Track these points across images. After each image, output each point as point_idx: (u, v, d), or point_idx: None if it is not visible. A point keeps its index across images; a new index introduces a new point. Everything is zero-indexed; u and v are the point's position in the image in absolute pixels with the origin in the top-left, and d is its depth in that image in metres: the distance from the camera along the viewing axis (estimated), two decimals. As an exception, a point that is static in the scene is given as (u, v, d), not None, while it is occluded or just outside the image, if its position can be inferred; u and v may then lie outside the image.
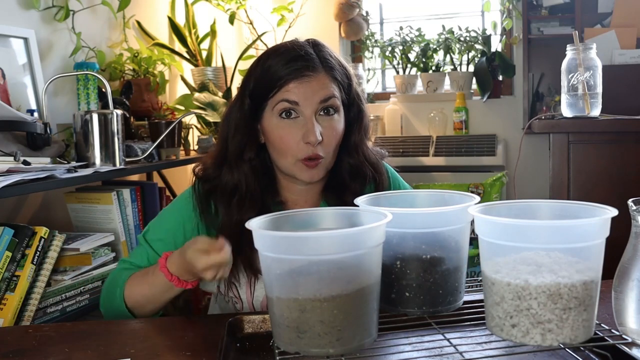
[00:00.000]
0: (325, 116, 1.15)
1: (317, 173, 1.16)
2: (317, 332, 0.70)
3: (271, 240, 0.72)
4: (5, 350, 0.93)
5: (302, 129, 1.13)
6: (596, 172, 2.09)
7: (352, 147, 1.22)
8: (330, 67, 1.17)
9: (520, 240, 0.71)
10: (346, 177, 1.23)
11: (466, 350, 0.78)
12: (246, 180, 1.18)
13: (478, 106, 3.06)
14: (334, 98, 1.16)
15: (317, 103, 1.14)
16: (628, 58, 2.41)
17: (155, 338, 0.98)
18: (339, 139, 1.18)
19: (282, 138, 1.15)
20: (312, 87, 1.14)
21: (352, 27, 3.18)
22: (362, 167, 1.22)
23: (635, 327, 0.79)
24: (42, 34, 2.00)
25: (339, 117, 1.18)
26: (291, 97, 1.13)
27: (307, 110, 1.13)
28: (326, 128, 1.15)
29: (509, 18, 2.99)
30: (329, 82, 1.16)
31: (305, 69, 1.14)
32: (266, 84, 1.15)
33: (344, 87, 1.20)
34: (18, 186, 1.39)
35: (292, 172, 1.17)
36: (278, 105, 1.14)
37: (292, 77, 1.13)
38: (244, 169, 1.18)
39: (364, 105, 1.25)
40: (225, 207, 1.18)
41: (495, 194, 2.69)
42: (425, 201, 0.94)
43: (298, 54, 1.14)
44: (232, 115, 1.21)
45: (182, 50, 2.72)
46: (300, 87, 1.13)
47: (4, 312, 1.41)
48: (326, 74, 1.16)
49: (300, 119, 1.14)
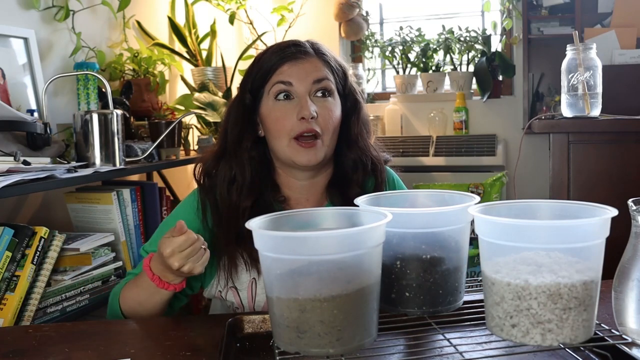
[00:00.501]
0: (320, 98, 1.18)
1: (314, 154, 1.17)
2: (317, 332, 0.70)
3: (271, 240, 0.72)
4: (5, 350, 0.93)
5: (297, 107, 1.16)
6: (596, 172, 2.09)
7: (352, 139, 1.24)
8: (323, 54, 1.21)
9: (520, 240, 0.71)
10: (349, 171, 1.24)
11: (466, 350, 0.78)
12: (243, 170, 1.19)
13: (478, 106, 3.06)
14: (327, 80, 1.19)
15: (311, 83, 1.17)
16: (628, 58, 2.41)
17: (155, 338, 0.98)
18: (335, 122, 1.19)
19: (277, 119, 1.17)
20: (305, 68, 1.18)
21: (352, 27, 3.18)
22: (363, 159, 1.23)
23: (635, 327, 0.79)
24: (42, 34, 2.00)
25: (333, 100, 1.20)
26: (285, 78, 1.17)
27: (300, 89, 1.17)
28: (321, 108, 1.17)
29: (509, 18, 2.99)
30: (322, 66, 1.19)
31: (298, 53, 1.18)
32: (262, 73, 1.20)
33: (339, 77, 1.22)
34: (18, 186, 1.39)
35: (288, 155, 1.18)
36: (273, 88, 1.18)
37: (286, 60, 1.18)
38: (242, 159, 1.20)
39: (361, 98, 1.27)
40: (225, 193, 1.19)
41: (495, 194, 2.69)
42: (425, 201, 0.94)
43: (291, 42, 1.20)
44: (231, 111, 1.24)
45: (182, 50, 2.72)
46: (294, 67, 1.17)
47: (4, 312, 1.41)
48: (319, 59, 1.20)
49: (295, 100, 1.17)
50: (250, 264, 1.18)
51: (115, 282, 1.74)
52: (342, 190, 1.22)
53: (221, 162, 1.22)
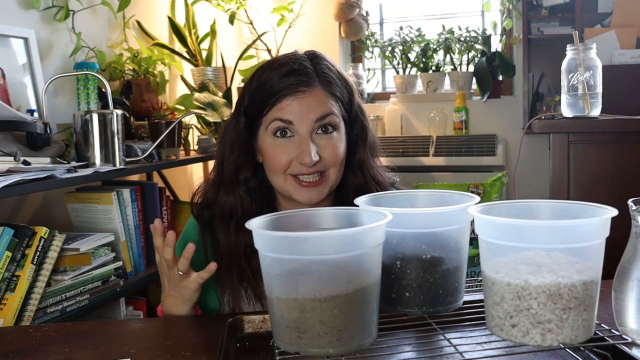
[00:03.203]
0: (323, 134, 1.09)
1: (316, 193, 1.10)
2: (317, 332, 0.70)
3: (271, 240, 0.72)
4: (5, 350, 0.93)
5: (297, 149, 1.08)
6: (596, 172, 2.09)
7: (357, 165, 1.16)
8: (328, 82, 1.10)
9: (520, 240, 0.71)
10: (352, 198, 1.18)
11: (466, 350, 0.78)
12: (242, 203, 1.13)
13: (478, 106, 3.06)
14: (331, 115, 1.09)
15: (313, 121, 1.07)
16: (628, 58, 2.41)
17: (155, 338, 0.98)
18: (340, 158, 1.11)
19: (275, 157, 1.09)
20: (307, 104, 1.07)
21: (352, 27, 3.18)
22: (368, 187, 1.14)
23: (635, 327, 0.79)
24: (42, 34, 2.00)
25: (338, 135, 1.11)
26: (285, 116, 1.07)
27: (302, 129, 1.07)
28: (325, 145, 1.08)
29: (509, 18, 2.99)
30: (326, 98, 1.09)
31: (300, 84, 1.07)
32: (260, 101, 1.10)
33: (344, 103, 1.13)
34: (18, 186, 1.39)
35: (287, 191, 1.11)
36: (272, 124, 1.08)
37: (286, 93, 1.07)
38: (240, 190, 1.13)
39: (367, 121, 1.18)
40: (224, 231, 1.13)
41: (495, 194, 2.69)
42: (426, 201, 0.94)
43: (292, 67, 1.08)
44: (227, 134, 1.15)
45: (182, 50, 2.72)
46: (295, 104, 1.07)
47: (4, 312, 1.42)
48: (323, 89, 1.09)
49: (295, 138, 1.08)
50: (254, 300, 1.12)
51: (115, 282, 1.74)
52: None
53: (219, 192, 1.14)
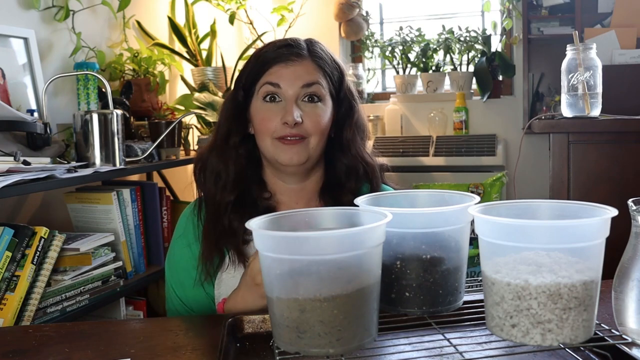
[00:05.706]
0: (309, 103, 1.16)
1: (297, 152, 1.15)
2: (317, 332, 0.70)
3: (271, 240, 0.72)
4: (5, 350, 0.93)
5: (282, 111, 1.14)
6: (596, 172, 2.09)
7: (345, 145, 1.21)
8: (319, 57, 1.18)
9: (520, 240, 0.71)
10: (342, 177, 1.22)
11: (466, 350, 0.78)
12: (228, 166, 1.19)
13: (478, 106, 3.06)
14: (317, 85, 1.16)
15: (299, 87, 1.14)
16: (628, 58, 2.41)
17: (155, 338, 0.98)
18: (322, 127, 1.16)
19: (262, 120, 1.16)
20: (295, 71, 1.15)
21: (352, 27, 3.18)
22: (356, 165, 1.21)
23: (635, 327, 0.79)
24: (42, 34, 2.00)
25: (323, 106, 1.17)
26: (274, 79, 1.15)
27: (288, 92, 1.14)
28: (308, 113, 1.15)
29: (509, 18, 2.99)
30: (314, 70, 1.16)
31: (291, 54, 1.16)
32: (254, 72, 1.18)
33: (334, 81, 1.20)
34: (18, 186, 1.39)
35: (272, 154, 1.16)
36: (262, 89, 1.16)
37: (278, 61, 1.15)
38: (229, 155, 1.20)
39: (357, 102, 1.24)
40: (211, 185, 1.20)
41: (495, 194, 2.69)
42: (426, 201, 0.94)
43: (287, 42, 1.18)
44: (225, 104, 1.25)
45: (182, 50, 2.72)
46: (284, 70, 1.15)
47: (4, 312, 1.42)
48: (312, 62, 1.17)
49: (282, 103, 1.15)
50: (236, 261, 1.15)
51: (115, 282, 1.74)
52: (335, 197, 1.20)
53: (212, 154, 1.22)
